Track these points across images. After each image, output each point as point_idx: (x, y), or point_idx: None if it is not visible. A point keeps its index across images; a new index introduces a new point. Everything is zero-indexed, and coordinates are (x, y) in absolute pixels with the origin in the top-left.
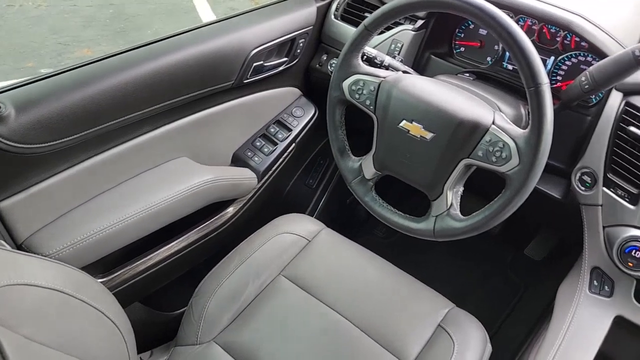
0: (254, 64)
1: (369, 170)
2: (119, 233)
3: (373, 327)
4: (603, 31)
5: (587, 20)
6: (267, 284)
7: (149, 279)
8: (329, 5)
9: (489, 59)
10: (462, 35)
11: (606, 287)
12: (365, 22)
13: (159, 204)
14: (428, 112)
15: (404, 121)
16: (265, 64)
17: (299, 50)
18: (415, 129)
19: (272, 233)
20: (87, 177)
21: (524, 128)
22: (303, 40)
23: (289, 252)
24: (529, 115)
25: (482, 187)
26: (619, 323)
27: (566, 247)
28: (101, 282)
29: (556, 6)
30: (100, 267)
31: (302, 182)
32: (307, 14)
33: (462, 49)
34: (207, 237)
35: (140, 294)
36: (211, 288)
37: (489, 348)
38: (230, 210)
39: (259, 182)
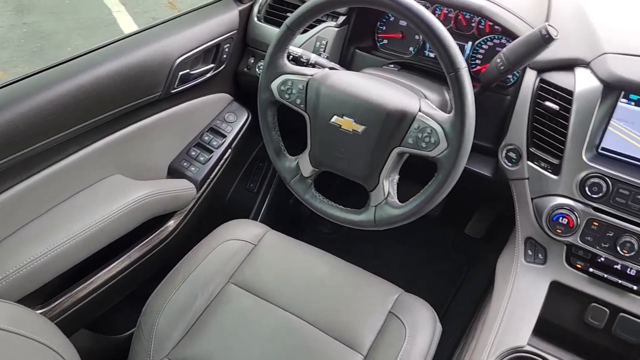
0: (180, 73)
1: (306, 168)
2: (54, 260)
3: (326, 322)
4: (512, 13)
5: (497, 5)
6: (216, 293)
7: (93, 304)
8: (251, 8)
9: (411, 48)
10: (384, 28)
11: (540, 255)
12: (287, 21)
13: (95, 226)
14: (357, 105)
15: (335, 117)
16: (192, 72)
17: (225, 56)
18: (347, 123)
19: (217, 241)
20: (14, 205)
21: (449, 112)
22: (228, 45)
23: (236, 259)
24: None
25: (418, 173)
26: (555, 287)
27: (503, 222)
28: (41, 312)
29: None
30: (38, 297)
31: (242, 187)
32: (229, 18)
33: (385, 41)
34: (150, 254)
35: (85, 320)
36: (159, 305)
37: (439, 328)
38: (171, 223)
39: (197, 192)
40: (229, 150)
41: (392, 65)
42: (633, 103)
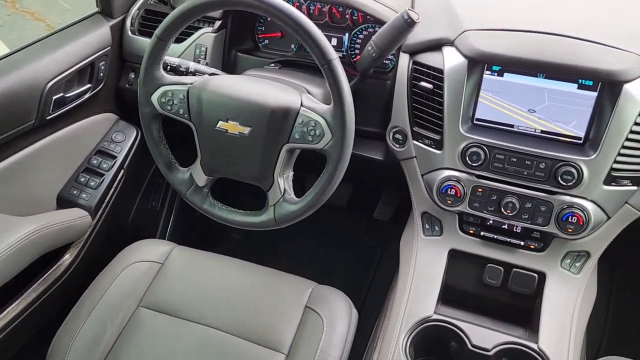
0: (54, 98)
1: (200, 177)
2: None
3: (244, 329)
4: (379, 2)
5: None
6: (127, 320)
7: None
8: (124, 21)
9: (292, 46)
10: (263, 28)
11: (436, 227)
12: (157, 32)
13: None
14: (240, 108)
15: (220, 122)
16: (67, 95)
17: (101, 74)
18: (233, 127)
19: (121, 266)
20: None
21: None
22: (103, 62)
23: (144, 281)
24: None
25: (314, 167)
26: (454, 255)
27: (408, 202)
28: None
29: None
30: None
31: (145, 206)
32: (100, 34)
33: (267, 41)
34: (49, 292)
35: None
36: (65, 343)
37: (354, 314)
38: (67, 257)
39: (93, 219)
40: (122, 171)
41: (272, 65)
42: (496, 74)
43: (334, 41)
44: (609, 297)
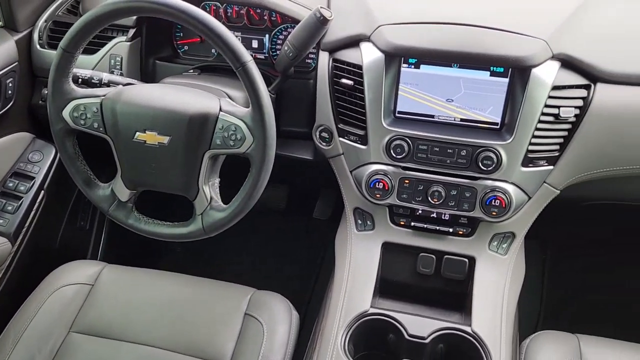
0: None
1: (123, 192)
2: None
3: (183, 344)
4: (293, 1)
5: None
6: (57, 348)
7: None
8: (30, 35)
9: (213, 51)
10: (181, 34)
11: (368, 221)
12: (61, 44)
13: None
14: (157, 117)
15: (138, 133)
16: None
17: (10, 92)
18: (151, 137)
19: (48, 291)
20: None
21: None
22: (11, 79)
23: (73, 305)
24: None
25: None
26: (387, 248)
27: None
28: None
29: None
30: None
31: (72, 226)
32: (5, 50)
33: (186, 47)
34: None
35: None
36: None
37: (295, 316)
38: None
39: (13, 245)
40: (42, 192)
41: (191, 71)
42: (413, 66)
43: (255, 43)
44: (542, 275)
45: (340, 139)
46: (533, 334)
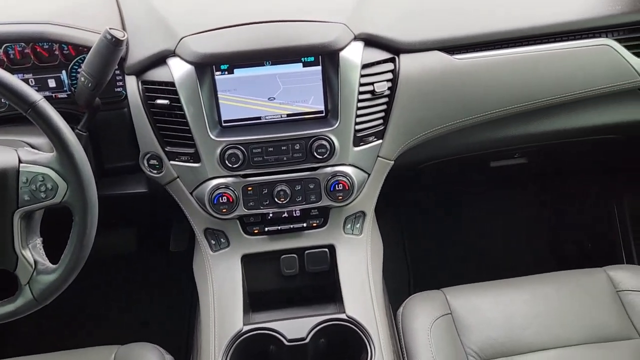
0: None
1: None
2: None
3: None
4: (77, 28)
5: (57, 25)
6: None
7: None
8: None
9: (3, 100)
10: None
11: (222, 239)
12: None
13: None
14: None
15: None
16: None
17: None
18: None
19: None
20: None
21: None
22: None
23: None
24: None
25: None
26: (247, 260)
27: None
28: None
29: (20, 23)
30: None
31: None
32: None
33: None
34: None
35: None
36: None
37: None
38: None
39: None
40: None
41: None
42: (226, 72)
43: (52, 82)
44: (403, 243)
45: (172, 162)
46: (404, 301)
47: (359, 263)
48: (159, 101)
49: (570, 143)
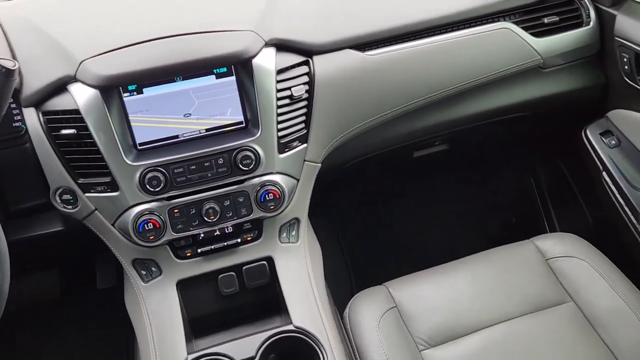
0: None
1: None
2: None
3: None
4: None
5: None
6: None
7: None
8: None
9: None
10: None
11: (152, 268)
12: None
13: None
14: None
15: None
16: None
17: None
18: None
19: None
20: None
21: None
22: None
23: None
24: None
25: None
26: (183, 285)
27: None
28: None
29: None
30: None
31: None
32: None
33: None
34: None
35: None
36: None
37: None
38: None
39: None
40: None
41: None
42: (135, 93)
43: None
44: (340, 244)
45: (87, 194)
46: (349, 301)
47: (299, 271)
48: (64, 131)
49: (485, 125)
